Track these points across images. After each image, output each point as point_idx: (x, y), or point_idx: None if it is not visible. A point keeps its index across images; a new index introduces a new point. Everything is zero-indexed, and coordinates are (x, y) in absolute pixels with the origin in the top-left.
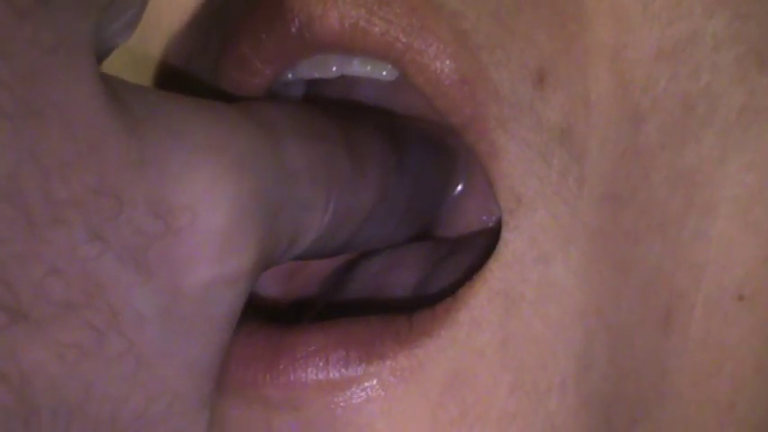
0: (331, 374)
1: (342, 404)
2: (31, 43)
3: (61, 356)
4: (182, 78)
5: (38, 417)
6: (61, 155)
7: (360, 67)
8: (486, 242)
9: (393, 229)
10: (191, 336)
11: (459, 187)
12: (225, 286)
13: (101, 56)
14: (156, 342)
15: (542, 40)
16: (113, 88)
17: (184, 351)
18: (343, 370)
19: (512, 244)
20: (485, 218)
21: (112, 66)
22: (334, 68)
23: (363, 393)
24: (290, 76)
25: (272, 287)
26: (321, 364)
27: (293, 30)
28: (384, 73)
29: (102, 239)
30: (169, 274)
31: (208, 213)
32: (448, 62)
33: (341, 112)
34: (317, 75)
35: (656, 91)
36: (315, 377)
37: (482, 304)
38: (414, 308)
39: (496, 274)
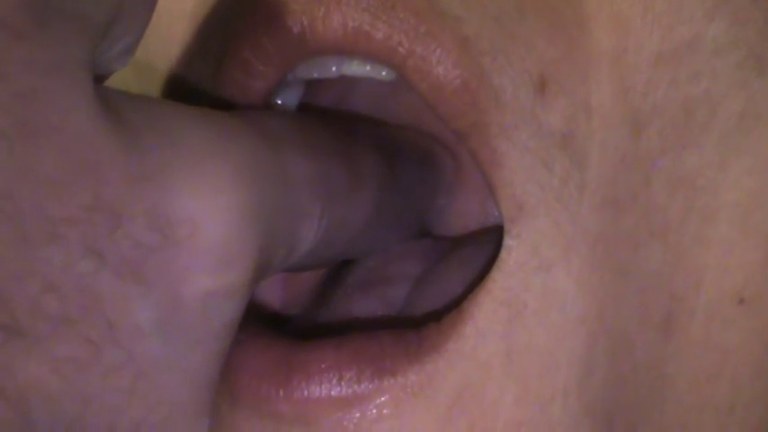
0: (343, 391)
1: (353, 420)
2: (29, 65)
3: (58, 371)
4: (182, 82)
5: (36, 430)
6: (57, 174)
7: (359, 67)
8: (488, 237)
9: (383, 241)
10: (190, 346)
11: (444, 199)
12: (224, 296)
13: (97, 81)
14: (155, 353)
15: (543, 46)
16: (111, 103)
17: (183, 361)
18: (355, 386)
19: (514, 252)
20: (482, 219)
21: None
22: (333, 68)
23: (375, 410)
24: (289, 76)
25: (269, 288)
26: (334, 380)
27: (295, 32)
28: (384, 73)
29: (99, 255)
30: (168, 285)
31: (209, 224)
32: (450, 69)
33: (339, 125)
34: (316, 75)
35: (656, 96)
36: (327, 393)
37: (487, 316)
38: (412, 305)
39: (500, 283)
